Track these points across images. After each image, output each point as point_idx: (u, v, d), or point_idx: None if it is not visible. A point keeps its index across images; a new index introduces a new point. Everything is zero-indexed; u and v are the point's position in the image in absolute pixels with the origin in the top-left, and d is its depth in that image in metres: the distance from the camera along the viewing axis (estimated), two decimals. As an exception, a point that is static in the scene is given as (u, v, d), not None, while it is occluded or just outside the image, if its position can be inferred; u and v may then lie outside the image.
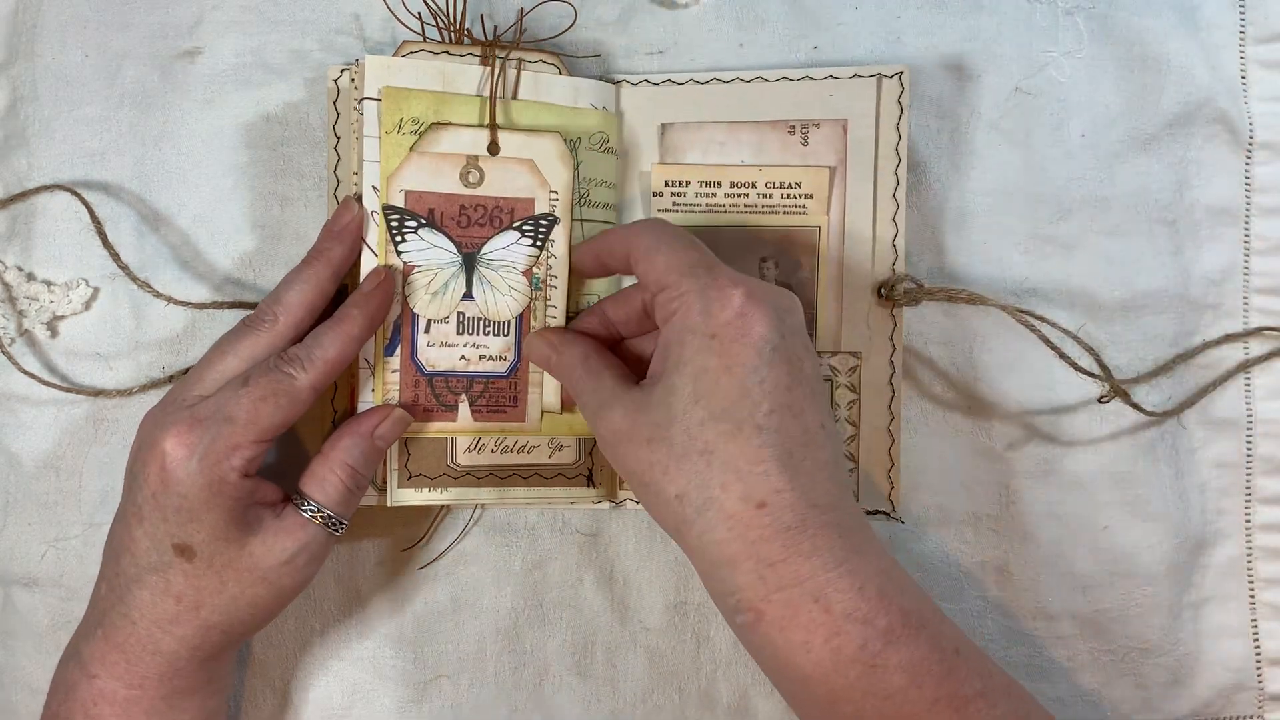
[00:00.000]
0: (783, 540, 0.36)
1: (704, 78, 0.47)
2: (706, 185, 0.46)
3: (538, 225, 0.45)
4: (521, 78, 0.45)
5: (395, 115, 0.44)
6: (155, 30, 0.48)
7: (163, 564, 0.40)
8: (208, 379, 0.41)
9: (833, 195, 0.46)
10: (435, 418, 0.45)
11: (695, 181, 0.46)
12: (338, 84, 0.47)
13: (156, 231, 0.48)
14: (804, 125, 0.45)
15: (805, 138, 0.45)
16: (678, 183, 0.46)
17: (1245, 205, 0.48)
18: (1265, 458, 0.48)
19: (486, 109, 0.45)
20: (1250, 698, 0.48)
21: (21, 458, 0.48)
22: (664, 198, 0.46)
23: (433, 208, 0.44)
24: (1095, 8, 0.48)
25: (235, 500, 0.40)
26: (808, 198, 0.46)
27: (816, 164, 0.46)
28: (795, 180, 0.46)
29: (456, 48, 0.45)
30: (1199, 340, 0.48)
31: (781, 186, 0.46)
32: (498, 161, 0.45)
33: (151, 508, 0.40)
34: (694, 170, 0.46)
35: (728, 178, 0.46)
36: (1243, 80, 0.48)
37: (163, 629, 0.40)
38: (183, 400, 0.41)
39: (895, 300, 0.46)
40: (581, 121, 0.46)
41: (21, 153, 0.48)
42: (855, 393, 0.47)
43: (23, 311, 0.48)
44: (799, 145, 0.46)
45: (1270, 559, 0.48)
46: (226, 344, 0.42)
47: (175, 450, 0.39)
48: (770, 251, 0.46)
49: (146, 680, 0.41)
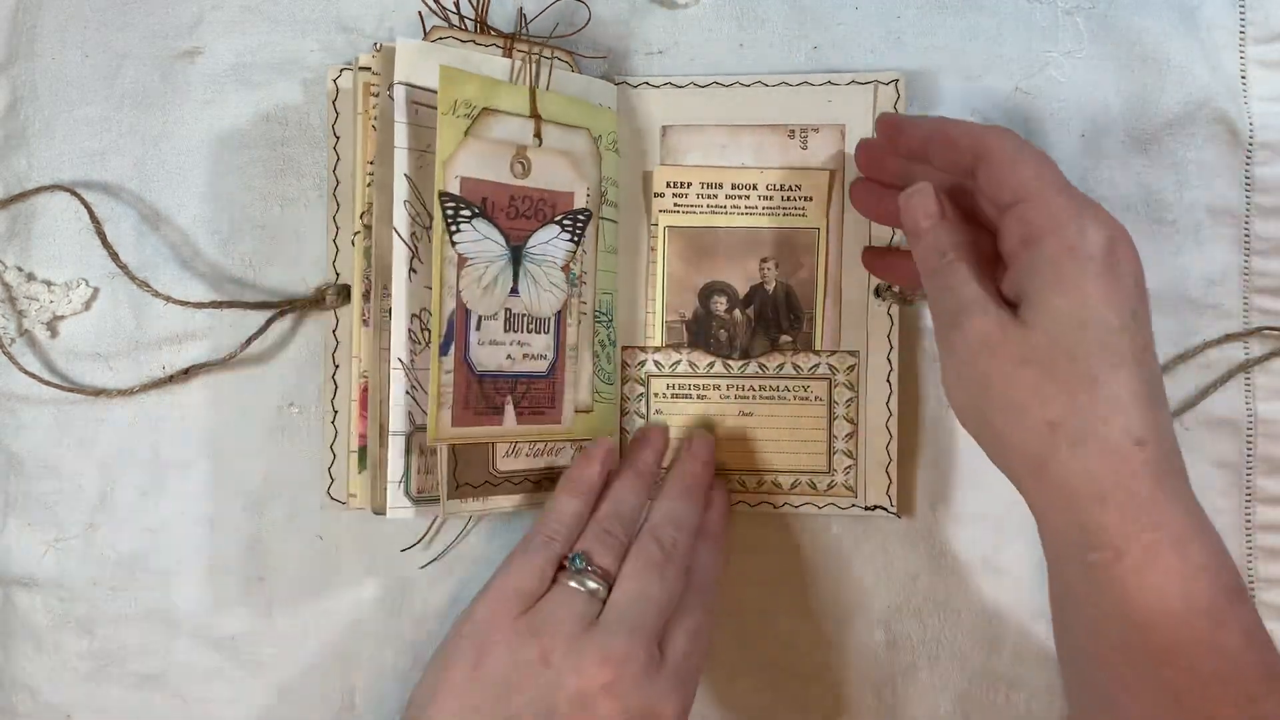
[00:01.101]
0: (1154, 480, 0.35)
1: (704, 81, 0.47)
2: (708, 187, 0.46)
3: (576, 220, 0.45)
4: (551, 72, 0.45)
5: (450, 96, 0.42)
6: (155, 30, 0.48)
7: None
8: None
9: (832, 198, 0.46)
10: (484, 422, 0.43)
11: (697, 183, 0.46)
12: (337, 84, 0.46)
13: (156, 231, 0.48)
14: (803, 129, 0.46)
15: (804, 141, 0.46)
16: (679, 184, 0.46)
17: (1245, 205, 0.48)
18: (1265, 458, 0.48)
19: (527, 98, 0.44)
20: (1251, 698, 0.48)
21: (22, 458, 0.48)
22: (665, 198, 0.47)
23: (485, 197, 0.43)
24: (1095, 8, 0.48)
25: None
26: (807, 200, 0.46)
27: (817, 167, 0.46)
28: (795, 183, 0.46)
29: (482, 37, 0.45)
30: (1199, 340, 0.48)
31: (782, 189, 0.46)
32: (542, 153, 0.44)
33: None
34: (696, 172, 0.46)
35: (729, 180, 0.46)
36: (1243, 80, 0.48)
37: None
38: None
39: (891, 300, 0.47)
40: (600, 119, 0.46)
41: (21, 152, 0.48)
42: (854, 390, 0.47)
43: (23, 311, 0.48)
44: (798, 149, 0.46)
45: (1270, 559, 0.48)
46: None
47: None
48: (771, 252, 0.47)
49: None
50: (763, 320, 0.47)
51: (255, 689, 0.48)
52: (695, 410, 0.47)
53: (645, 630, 0.39)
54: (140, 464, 0.48)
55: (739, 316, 0.46)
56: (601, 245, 0.46)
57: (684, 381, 0.47)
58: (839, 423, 0.47)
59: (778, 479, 0.47)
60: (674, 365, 0.47)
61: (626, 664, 0.38)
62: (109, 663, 0.48)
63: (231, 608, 0.48)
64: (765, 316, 0.47)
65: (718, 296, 0.47)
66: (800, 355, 0.47)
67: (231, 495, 0.48)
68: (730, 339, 0.47)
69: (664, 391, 0.48)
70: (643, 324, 0.48)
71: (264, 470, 0.48)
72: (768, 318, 0.47)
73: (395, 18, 0.48)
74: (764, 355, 0.47)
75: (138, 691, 0.48)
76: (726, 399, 0.47)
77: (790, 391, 0.47)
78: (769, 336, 0.47)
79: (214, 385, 0.48)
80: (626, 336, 0.48)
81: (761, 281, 0.47)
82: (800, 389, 0.47)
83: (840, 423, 0.47)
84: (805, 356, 0.47)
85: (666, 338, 0.47)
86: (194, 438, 0.48)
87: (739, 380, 0.47)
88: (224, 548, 0.48)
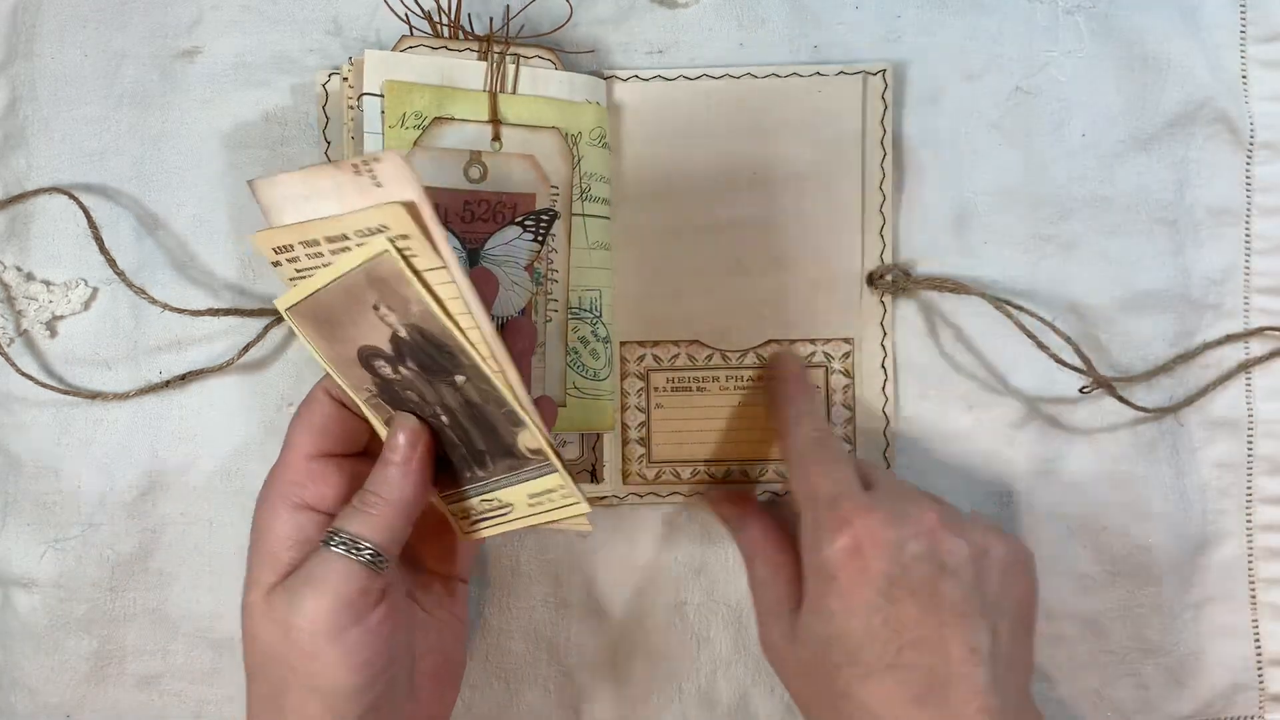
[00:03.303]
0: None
1: (694, 74, 0.47)
2: (308, 245, 0.36)
3: (539, 220, 0.45)
4: (520, 73, 0.45)
5: (398, 109, 0.43)
6: (154, 30, 0.48)
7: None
8: None
9: (431, 229, 0.34)
10: None
11: (298, 243, 0.36)
12: (326, 88, 0.47)
13: (155, 232, 0.48)
14: (366, 162, 0.33)
15: (374, 176, 0.34)
16: (285, 248, 0.36)
17: (1246, 205, 0.48)
18: (1266, 458, 0.48)
19: (488, 104, 0.44)
20: (1251, 698, 0.48)
21: (21, 458, 0.48)
22: (283, 267, 0.37)
23: (437, 203, 0.44)
24: (1096, 7, 0.48)
25: (276, 537, 0.38)
26: (404, 238, 0.34)
27: (392, 201, 0.34)
28: (381, 223, 0.34)
29: (454, 43, 0.45)
30: (1199, 340, 0.48)
31: (373, 232, 0.35)
32: (500, 157, 0.45)
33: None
34: (290, 232, 0.35)
35: (321, 233, 0.35)
36: (1243, 80, 0.48)
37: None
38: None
39: (884, 288, 0.47)
40: (581, 116, 0.46)
41: (20, 152, 0.48)
42: (850, 377, 0.47)
43: (21, 311, 0.48)
44: (371, 186, 0.34)
45: (1271, 559, 0.48)
46: None
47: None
48: (375, 295, 0.36)
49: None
50: (428, 369, 0.37)
51: (255, 689, 0.48)
52: (696, 403, 0.47)
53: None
54: (139, 464, 0.48)
55: (406, 373, 0.38)
56: (585, 242, 0.46)
57: (683, 374, 0.48)
58: (837, 410, 0.48)
59: (780, 468, 0.47)
60: (673, 359, 0.47)
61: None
62: (108, 663, 0.48)
63: (231, 608, 0.48)
64: (424, 364, 0.37)
65: (375, 360, 0.38)
66: (792, 346, 0.47)
67: (231, 495, 0.48)
68: (421, 395, 0.38)
69: (664, 385, 0.48)
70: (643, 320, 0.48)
71: (263, 471, 0.48)
72: (426, 363, 0.37)
73: (391, 19, 0.48)
74: (454, 401, 0.38)
75: (137, 692, 0.48)
76: (726, 390, 0.48)
77: None
78: (446, 381, 0.37)
79: (213, 386, 0.48)
80: (624, 332, 0.48)
81: (393, 330, 0.37)
82: None
83: (838, 409, 0.48)
84: (802, 346, 0.47)
85: (377, 413, 0.39)
86: (193, 438, 0.48)
87: (737, 371, 0.47)
88: (224, 548, 0.48)
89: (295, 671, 0.36)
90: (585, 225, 0.46)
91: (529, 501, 0.41)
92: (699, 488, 0.48)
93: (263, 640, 0.37)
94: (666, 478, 0.48)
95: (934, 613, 0.37)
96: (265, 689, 0.38)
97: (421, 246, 0.34)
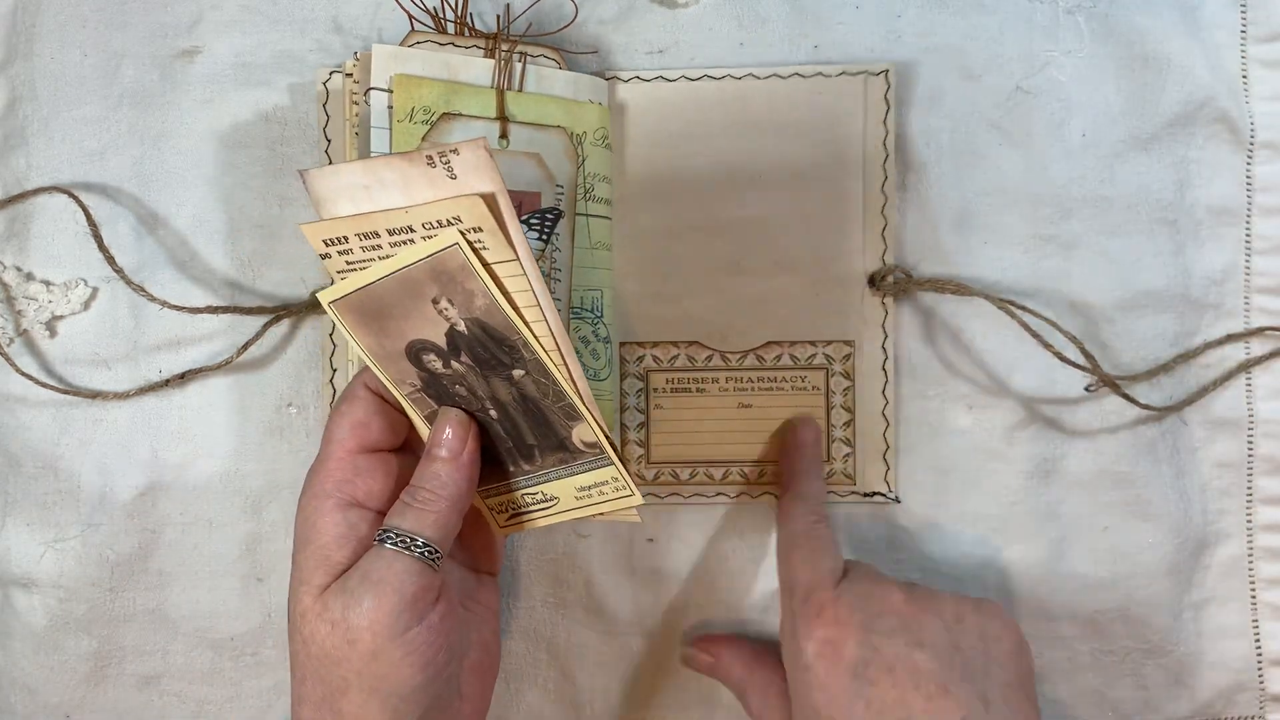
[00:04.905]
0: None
1: (695, 74, 0.47)
2: (365, 237, 0.36)
3: (544, 219, 0.45)
4: (526, 71, 0.45)
5: (407, 104, 0.43)
6: (154, 30, 0.48)
7: (288, 629, 0.40)
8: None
9: (507, 222, 0.35)
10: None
11: (354, 235, 0.36)
12: (327, 86, 0.47)
13: (155, 232, 0.48)
14: (442, 154, 0.34)
15: (450, 168, 0.34)
16: (337, 240, 0.36)
17: (1246, 205, 0.48)
18: (1266, 458, 0.48)
19: (495, 101, 0.44)
20: (1251, 698, 0.48)
21: (20, 458, 0.48)
22: (333, 259, 0.37)
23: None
24: (1096, 7, 0.48)
25: (326, 535, 0.38)
26: (477, 230, 0.35)
27: (469, 193, 0.35)
28: (453, 215, 0.35)
29: (461, 39, 0.45)
30: (1200, 340, 0.48)
31: (442, 225, 0.35)
32: (506, 155, 0.44)
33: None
34: (347, 224, 0.36)
35: (382, 225, 0.35)
36: (1244, 79, 0.48)
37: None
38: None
39: (885, 290, 0.47)
40: (584, 116, 0.46)
41: (20, 152, 0.48)
42: (850, 379, 0.47)
43: (21, 311, 0.48)
44: (445, 178, 0.34)
45: (1271, 559, 0.48)
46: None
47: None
48: (436, 289, 0.36)
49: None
50: (482, 363, 0.38)
51: (255, 689, 0.48)
52: (696, 404, 0.47)
53: None
54: (139, 464, 0.48)
55: (459, 367, 0.38)
56: (587, 242, 0.46)
57: (683, 375, 0.47)
58: (837, 411, 0.47)
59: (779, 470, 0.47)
60: (672, 359, 0.47)
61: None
62: (108, 663, 0.48)
63: (231, 608, 0.48)
64: (480, 358, 0.38)
65: (425, 355, 0.38)
66: (792, 348, 0.47)
67: (231, 495, 0.48)
68: (471, 390, 0.39)
69: (663, 386, 0.48)
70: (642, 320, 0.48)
71: (263, 470, 0.48)
72: (483, 358, 0.38)
73: (392, 18, 0.48)
74: (507, 396, 0.39)
75: (137, 692, 0.48)
76: (725, 391, 0.47)
77: (788, 382, 0.47)
78: (502, 375, 0.38)
79: (213, 386, 0.48)
80: (624, 332, 0.48)
81: (450, 324, 0.37)
82: (798, 379, 0.47)
83: (838, 411, 0.47)
84: (802, 347, 0.47)
85: (418, 408, 0.40)
86: (193, 438, 0.48)
87: (737, 372, 0.47)
88: (223, 548, 0.48)
89: (357, 674, 0.36)
90: (588, 225, 0.46)
91: (577, 494, 0.41)
92: (711, 488, 0.48)
93: (319, 642, 0.37)
94: (665, 478, 0.48)
95: (915, 689, 0.36)
96: (319, 691, 0.37)
97: (494, 240, 0.34)
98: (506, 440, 0.39)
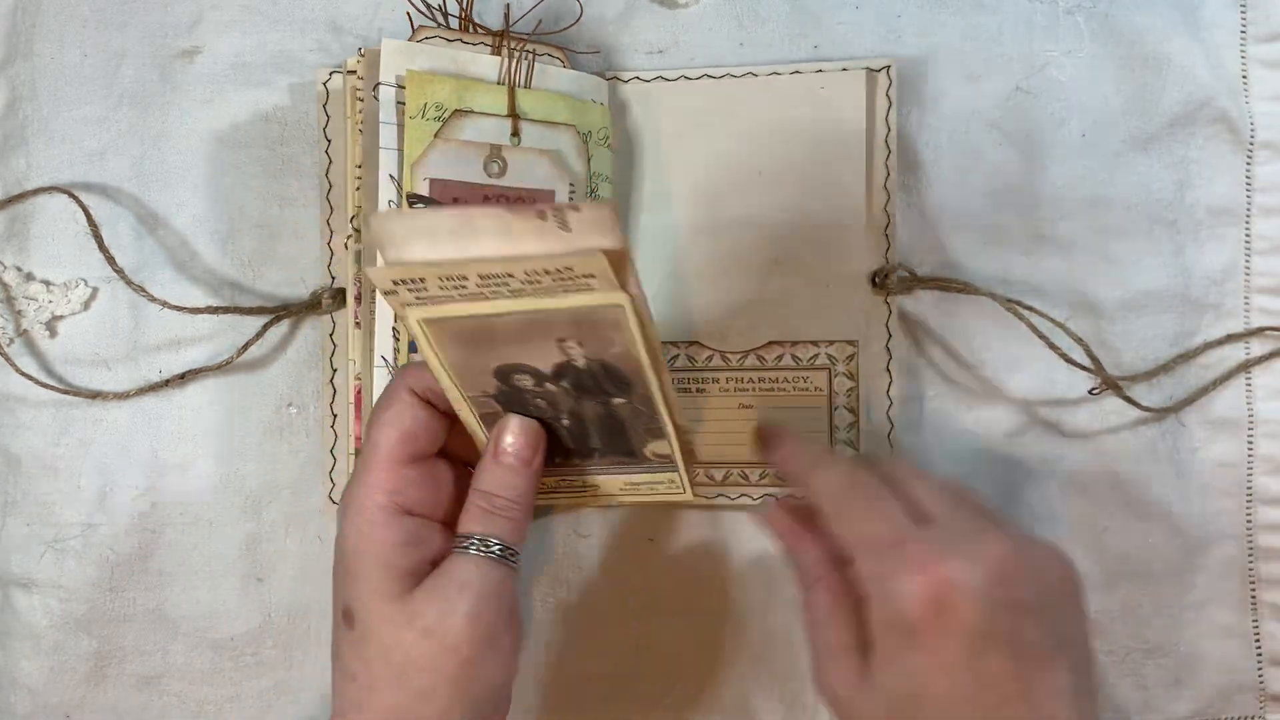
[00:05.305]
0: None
1: (695, 74, 0.47)
2: (448, 280, 0.33)
3: None
4: (534, 69, 0.45)
5: (419, 99, 0.42)
6: (154, 29, 0.48)
7: (337, 637, 0.38)
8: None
9: (628, 275, 0.33)
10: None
11: (435, 278, 0.33)
12: (327, 87, 0.47)
13: (155, 232, 0.48)
14: (558, 210, 0.31)
15: (564, 223, 0.31)
16: (411, 281, 0.33)
17: (1246, 205, 0.48)
18: (1266, 458, 0.48)
19: (506, 97, 0.44)
20: (1251, 698, 0.48)
21: (20, 458, 0.48)
22: (399, 294, 0.34)
23: (456, 197, 0.43)
24: (1096, 7, 0.48)
25: (388, 545, 0.37)
26: (588, 277, 0.33)
27: (585, 248, 0.32)
28: (565, 265, 0.32)
29: (469, 36, 0.45)
30: (1200, 340, 0.48)
31: (550, 273, 0.33)
32: (519, 152, 0.44)
33: (333, 577, 0.38)
34: (426, 269, 0.33)
35: (473, 271, 0.33)
36: (1244, 79, 0.48)
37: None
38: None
39: (889, 289, 0.47)
40: (590, 115, 0.46)
41: (20, 152, 0.48)
42: (853, 380, 0.47)
43: (21, 311, 0.48)
44: (557, 231, 0.32)
45: (1271, 559, 0.48)
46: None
47: (339, 505, 0.38)
48: (568, 331, 0.35)
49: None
50: (583, 390, 0.37)
51: (255, 689, 0.48)
52: (696, 404, 0.47)
53: None
54: (139, 464, 0.48)
55: (553, 388, 0.37)
56: None
57: (683, 375, 0.47)
58: (840, 413, 0.47)
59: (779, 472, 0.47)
60: (672, 360, 0.47)
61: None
62: (108, 663, 0.48)
63: (231, 608, 0.48)
64: (584, 386, 0.37)
65: (517, 375, 0.37)
66: (794, 348, 0.47)
67: (231, 495, 0.48)
68: (553, 403, 0.38)
69: None
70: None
71: (263, 470, 0.48)
72: (587, 386, 0.37)
73: (392, 18, 0.48)
74: (592, 414, 0.39)
75: (137, 692, 0.48)
76: (726, 392, 0.47)
77: (789, 383, 0.47)
78: (598, 400, 0.38)
79: (213, 386, 0.48)
80: None
81: (568, 359, 0.36)
82: (800, 380, 0.47)
83: (841, 413, 0.47)
84: (804, 348, 0.47)
85: (477, 409, 0.39)
86: (193, 438, 0.48)
87: (738, 373, 0.47)
88: (223, 548, 0.48)
89: (448, 680, 0.36)
90: None
91: (623, 486, 0.41)
92: (712, 489, 0.47)
93: (405, 649, 0.36)
94: (666, 478, 0.47)
95: (1021, 661, 0.34)
96: (392, 699, 0.36)
97: (612, 290, 0.33)
98: (568, 441, 0.39)
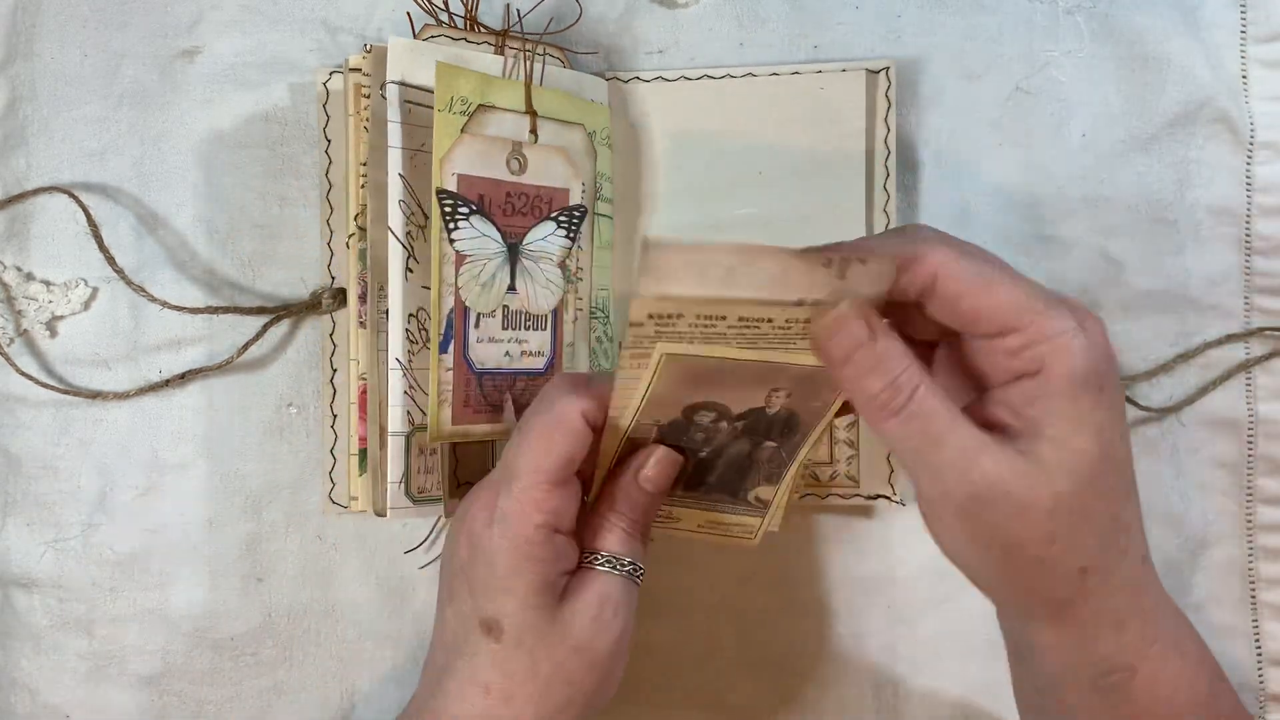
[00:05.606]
0: (1154, 594, 0.36)
1: (695, 74, 0.47)
2: (704, 319, 0.32)
3: (572, 216, 0.45)
4: (544, 69, 0.45)
5: (447, 94, 0.42)
6: (154, 29, 0.48)
7: (470, 647, 0.37)
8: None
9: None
10: (484, 419, 0.43)
11: (692, 315, 0.32)
12: (327, 87, 0.46)
13: (155, 232, 0.48)
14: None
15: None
16: (668, 315, 0.32)
17: (1246, 205, 0.48)
18: (1266, 458, 0.48)
19: (522, 94, 0.44)
20: (1251, 698, 0.48)
21: (20, 458, 0.48)
22: (645, 327, 0.33)
23: (482, 194, 0.43)
24: (1096, 7, 0.48)
25: (543, 562, 0.36)
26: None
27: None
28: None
29: (472, 35, 0.45)
30: (1200, 340, 0.48)
31: (804, 322, 0.33)
32: (538, 149, 0.44)
33: (460, 583, 0.37)
34: (691, 304, 0.32)
35: (735, 313, 0.32)
36: (1244, 80, 0.48)
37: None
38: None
39: None
40: (594, 115, 0.46)
41: (20, 152, 0.48)
42: None
43: (21, 311, 0.48)
44: (835, 279, 0.32)
45: (1271, 559, 0.48)
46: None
47: (479, 515, 0.37)
48: (786, 384, 0.36)
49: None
50: (752, 432, 0.38)
51: (255, 689, 0.48)
52: None
53: None
54: (139, 464, 0.48)
55: (727, 426, 0.37)
56: (597, 242, 0.46)
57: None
58: None
59: None
60: None
61: None
62: (108, 663, 0.48)
63: (231, 608, 0.48)
64: (757, 429, 0.37)
65: (705, 412, 0.37)
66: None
67: (231, 495, 0.48)
68: (710, 439, 0.38)
69: None
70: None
71: (263, 470, 0.48)
72: (759, 428, 0.37)
73: (391, 18, 0.48)
74: (736, 452, 0.39)
75: (137, 692, 0.48)
76: None
77: None
78: (754, 441, 0.38)
79: (213, 386, 0.48)
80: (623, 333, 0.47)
81: (765, 406, 0.37)
82: None
83: None
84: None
85: (638, 432, 0.38)
86: (193, 438, 0.48)
87: None
88: (223, 548, 0.48)
89: (586, 694, 0.37)
90: (599, 225, 0.46)
91: (702, 524, 0.41)
92: None
93: (555, 663, 0.37)
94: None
95: (1127, 494, 0.35)
96: (537, 710, 0.37)
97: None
98: (688, 469, 0.39)
